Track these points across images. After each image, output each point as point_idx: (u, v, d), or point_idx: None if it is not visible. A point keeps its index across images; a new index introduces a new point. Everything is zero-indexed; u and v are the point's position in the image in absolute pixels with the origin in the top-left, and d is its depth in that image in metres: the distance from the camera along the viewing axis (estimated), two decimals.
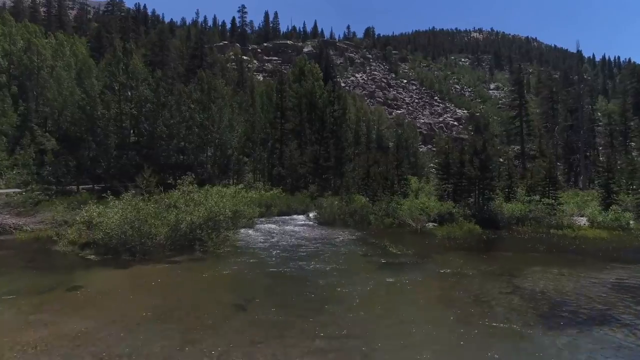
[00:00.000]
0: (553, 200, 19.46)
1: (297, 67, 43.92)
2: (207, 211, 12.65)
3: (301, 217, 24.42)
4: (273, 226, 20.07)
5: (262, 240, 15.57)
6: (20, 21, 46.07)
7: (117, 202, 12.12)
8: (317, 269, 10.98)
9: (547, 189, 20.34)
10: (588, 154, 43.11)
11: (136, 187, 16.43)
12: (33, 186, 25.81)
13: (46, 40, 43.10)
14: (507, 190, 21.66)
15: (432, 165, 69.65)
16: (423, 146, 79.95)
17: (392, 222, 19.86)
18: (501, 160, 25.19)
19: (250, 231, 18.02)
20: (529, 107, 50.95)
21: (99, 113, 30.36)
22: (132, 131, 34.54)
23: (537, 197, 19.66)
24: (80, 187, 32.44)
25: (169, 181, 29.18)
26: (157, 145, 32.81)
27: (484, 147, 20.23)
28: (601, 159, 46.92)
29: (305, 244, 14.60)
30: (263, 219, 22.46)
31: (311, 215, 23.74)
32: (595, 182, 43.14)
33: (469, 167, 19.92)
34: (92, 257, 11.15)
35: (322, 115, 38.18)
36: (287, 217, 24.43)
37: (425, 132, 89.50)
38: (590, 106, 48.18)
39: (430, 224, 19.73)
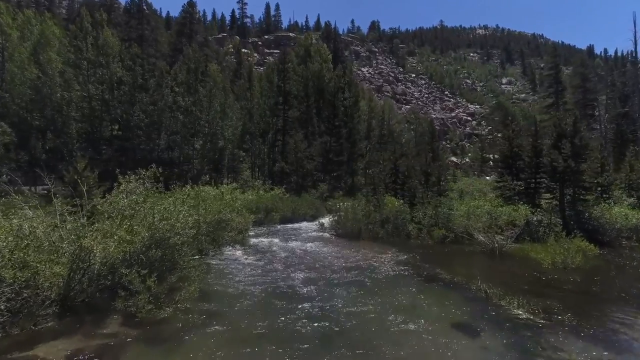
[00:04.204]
0: None
1: (301, 47, 37.72)
2: (149, 230, 6.66)
3: (312, 225, 18.47)
4: (275, 241, 14.11)
5: (253, 277, 9.52)
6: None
7: None
8: None
9: None
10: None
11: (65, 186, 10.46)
12: None
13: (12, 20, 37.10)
14: (600, 189, 15.58)
15: (448, 161, 64.05)
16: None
17: (445, 236, 13.86)
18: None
19: (239, 252, 12.05)
20: (564, 96, 45.00)
21: (58, 95, 24.53)
22: (117, 125, 28.62)
23: None
24: (40, 187, 26.77)
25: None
26: (133, 135, 26.87)
27: (575, 127, 14.15)
28: None
29: (331, 290, 8.25)
30: (261, 229, 16.73)
31: (325, 222, 17.78)
32: None
33: (555, 155, 13.84)
34: None
35: (332, 101, 32.07)
36: (293, 225, 18.58)
37: (437, 127, 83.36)
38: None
39: (499, 237, 13.71)
